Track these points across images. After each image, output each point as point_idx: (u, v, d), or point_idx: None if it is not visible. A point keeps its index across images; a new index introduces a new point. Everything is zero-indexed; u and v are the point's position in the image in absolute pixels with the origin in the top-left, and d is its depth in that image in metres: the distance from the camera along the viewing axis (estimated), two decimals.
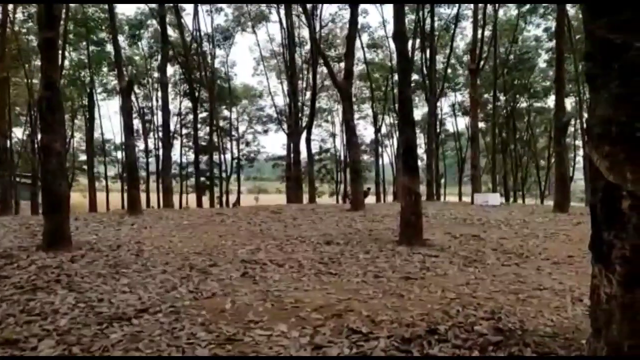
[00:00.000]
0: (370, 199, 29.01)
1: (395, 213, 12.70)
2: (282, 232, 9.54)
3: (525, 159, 42.73)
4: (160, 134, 35.00)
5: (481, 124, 39.49)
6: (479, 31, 24.04)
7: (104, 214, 14.67)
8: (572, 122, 35.88)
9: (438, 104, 36.84)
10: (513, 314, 4.22)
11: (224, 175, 41.52)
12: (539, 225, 11.03)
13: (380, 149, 44.11)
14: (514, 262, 6.73)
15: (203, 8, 35.44)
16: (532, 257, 7.18)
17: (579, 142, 41.24)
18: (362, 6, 32.49)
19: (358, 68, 39.32)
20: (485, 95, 39.19)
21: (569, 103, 37.58)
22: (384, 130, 45.51)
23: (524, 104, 40.97)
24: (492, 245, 8.17)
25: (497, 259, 6.98)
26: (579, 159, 40.72)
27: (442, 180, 44.73)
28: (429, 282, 5.45)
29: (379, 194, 40.80)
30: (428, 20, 29.13)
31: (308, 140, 28.75)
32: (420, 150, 47.67)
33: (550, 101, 36.94)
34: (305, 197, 29.87)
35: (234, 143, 45.23)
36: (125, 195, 23.65)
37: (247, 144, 47.34)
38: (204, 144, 40.71)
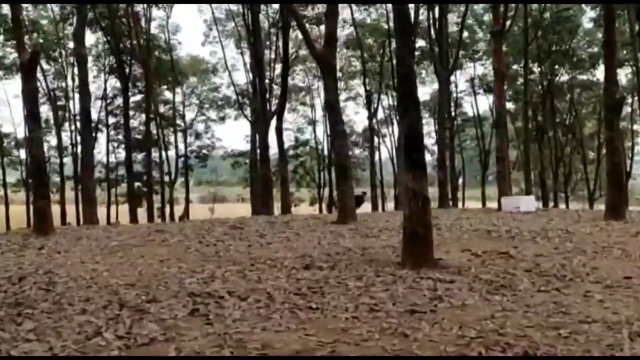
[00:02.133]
0: (365, 207, 29.26)
1: (397, 225, 12.85)
2: (246, 254, 9.60)
3: (568, 150, 43.28)
4: (79, 124, 34.65)
5: (509, 105, 40.13)
6: None
7: (2, 235, 14.57)
8: (628, 99, 36.66)
9: (452, 78, 37.40)
10: (553, 356, 4.23)
11: (166, 179, 41.37)
12: (586, 237, 11.18)
13: (376, 140, 44.88)
14: (554, 287, 6.83)
15: None
16: (577, 279, 7.29)
17: (638, 127, 42.07)
18: None
19: (344, 32, 39.73)
20: (514, 67, 39.76)
21: (623, 74, 38.44)
22: (380, 114, 46.32)
23: (565, 77, 41.67)
24: (526, 265, 8.30)
25: (532, 283, 7.09)
26: (639, 149, 41.58)
27: (460, 180, 45.47)
28: (442, 317, 5.51)
29: (376, 200, 41.31)
30: None
31: (279, 130, 28.89)
32: (430, 141, 48.22)
33: (599, 73, 37.61)
34: (277, 207, 29.94)
35: (180, 135, 45.17)
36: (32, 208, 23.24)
37: (198, 136, 47.42)
38: (138, 137, 40.59)
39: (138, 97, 41.38)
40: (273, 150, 32.69)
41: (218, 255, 9.63)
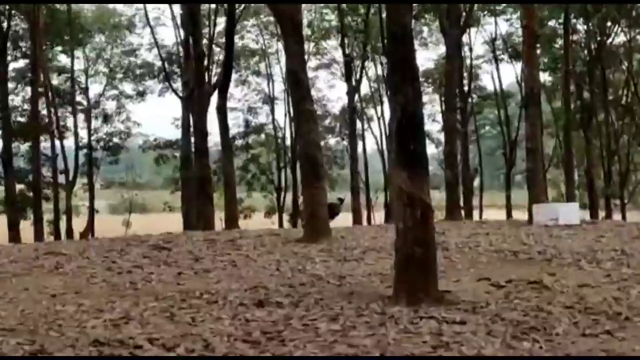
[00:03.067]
0: (343, 219, 29.04)
1: (387, 244, 12.85)
2: (174, 286, 9.60)
3: (625, 139, 43.41)
4: None
5: (544, 76, 40.37)
6: None
7: None
8: None
9: (464, 39, 37.41)
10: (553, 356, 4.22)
11: (62, 179, 40.92)
12: None
13: (359, 126, 45.06)
14: (604, 330, 6.82)
15: None
16: (636, 318, 7.33)
17: None
18: None
19: None
20: (550, 23, 39.99)
21: None
22: (365, 89, 46.42)
23: (621, 38, 41.78)
24: (566, 299, 8.30)
25: (574, 324, 7.11)
26: None
27: (476, 182, 45.35)
28: None
29: (359, 209, 41.12)
30: None
31: (222, 111, 28.56)
32: (434, 127, 48.64)
33: None
34: (220, 219, 29.80)
35: (81, 118, 44.74)
36: None
37: (107, 118, 46.88)
38: (21, 120, 40.10)
39: (21, 63, 40.97)
40: (214, 139, 32.77)
41: (134, 287, 9.58)
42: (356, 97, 43.21)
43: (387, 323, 7.15)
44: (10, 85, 38.50)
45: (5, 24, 36.11)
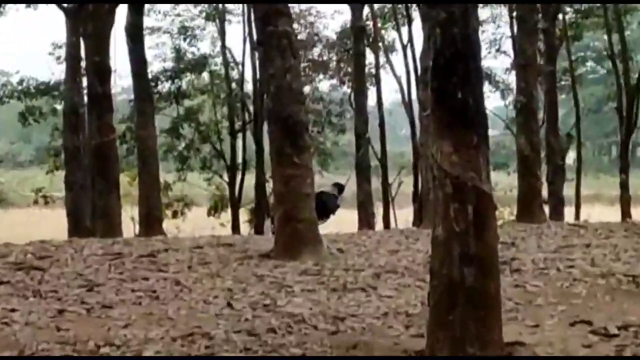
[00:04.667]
0: (343, 219, 23.43)
1: (415, 263, 10.73)
2: (51, 332, 7.56)
3: None
4: None
5: None
6: None
7: None
8: None
9: None
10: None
11: None
12: None
13: (371, 60, 30.78)
14: None
15: None
16: None
17: None
18: None
19: None
20: None
21: None
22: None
23: None
24: None
25: None
26: None
27: (570, 156, 30.76)
28: None
29: (369, 202, 31.18)
30: None
31: (135, 32, 21.63)
32: (500, 63, 40.93)
33: None
34: (132, 218, 24.74)
35: None
36: None
37: None
38: None
39: None
40: (123, 81, 25.60)
41: None
42: (365, 9, 31.85)
43: None
44: None
45: None
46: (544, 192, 21.06)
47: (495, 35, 34.15)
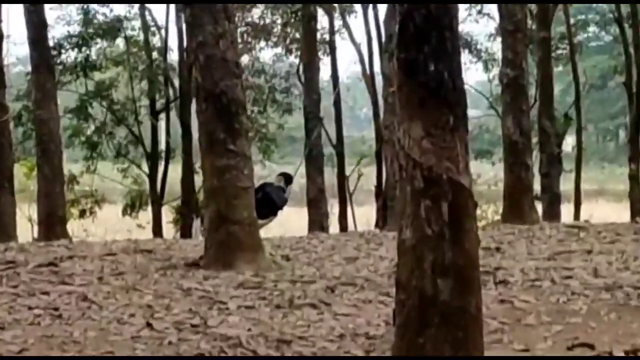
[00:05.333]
0: (290, 220, 23.10)
1: (378, 273, 10.13)
2: None
3: None
4: None
5: None
6: None
7: None
8: None
9: None
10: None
11: None
12: None
13: (324, 24, 27.80)
14: None
15: None
16: None
17: None
18: None
19: None
20: None
21: None
22: None
23: None
24: None
25: None
26: None
27: (567, 142, 28.47)
28: None
29: (321, 199, 27.60)
30: None
31: None
32: (481, 29, 39.21)
33: None
34: (29, 218, 22.67)
35: None
36: None
37: None
38: None
39: None
40: (17, 49, 24.83)
41: None
42: None
43: None
44: None
45: None
46: (536, 186, 19.60)
47: None
